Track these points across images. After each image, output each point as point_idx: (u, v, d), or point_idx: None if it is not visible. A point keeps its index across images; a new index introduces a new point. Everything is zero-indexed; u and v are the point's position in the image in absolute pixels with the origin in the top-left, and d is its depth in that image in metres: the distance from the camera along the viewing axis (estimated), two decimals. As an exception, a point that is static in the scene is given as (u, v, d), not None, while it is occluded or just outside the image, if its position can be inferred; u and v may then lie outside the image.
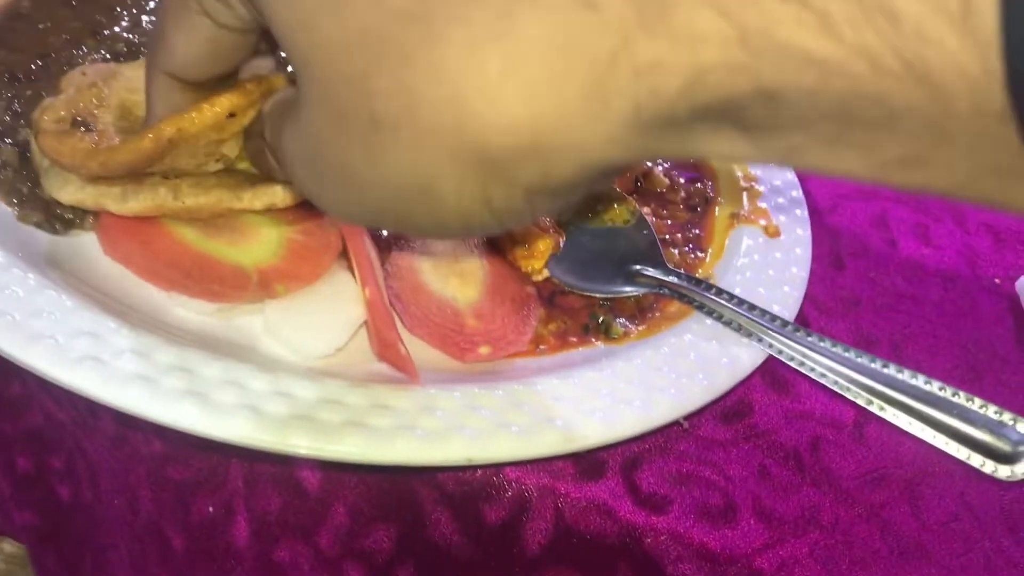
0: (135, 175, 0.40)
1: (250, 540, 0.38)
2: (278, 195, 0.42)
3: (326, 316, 0.41)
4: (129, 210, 0.40)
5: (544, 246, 0.48)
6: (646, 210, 0.52)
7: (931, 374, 0.45)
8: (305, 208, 0.44)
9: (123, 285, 0.40)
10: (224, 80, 0.37)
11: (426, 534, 0.39)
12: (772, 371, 0.48)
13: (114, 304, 0.39)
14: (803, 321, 0.51)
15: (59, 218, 0.41)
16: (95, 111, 0.40)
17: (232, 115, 0.38)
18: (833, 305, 0.54)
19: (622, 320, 0.48)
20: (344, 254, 0.44)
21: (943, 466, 0.45)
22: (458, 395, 0.39)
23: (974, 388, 0.44)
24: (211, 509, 0.39)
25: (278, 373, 0.37)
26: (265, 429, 0.35)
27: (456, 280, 0.46)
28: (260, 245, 0.43)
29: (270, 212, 0.43)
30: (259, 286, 0.41)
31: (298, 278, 0.42)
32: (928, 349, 0.52)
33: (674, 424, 0.43)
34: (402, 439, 0.36)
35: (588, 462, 0.41)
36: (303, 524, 0.39)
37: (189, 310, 0.40)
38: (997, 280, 0.59)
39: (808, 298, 0.52)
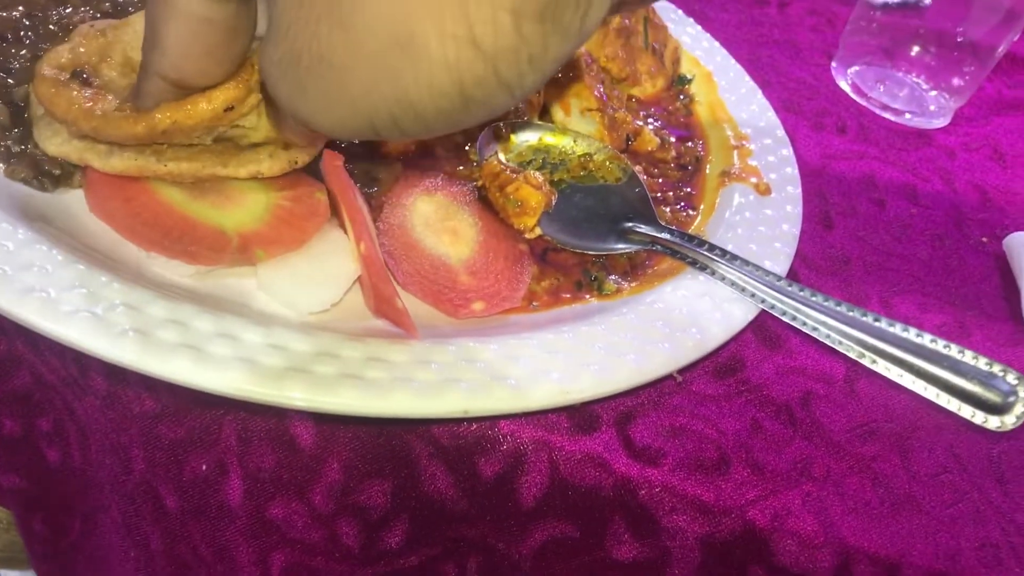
0: None
1: (244, 498, 0.38)
2: (264, 164, 0.42)
3: (320, 271, 0.41)
4: (112, 168, 0.39)
5: (536, 203, 0.47)
6: (637, 169, 0.52)
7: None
8: (295, 175, 0.44)
9: (113, 242, 0.40)
10: None
11: (421, 489, 0.39)
12: (764, 327, 0.48)
13: (105, 259, 0.38)
14: (794, 279, 0.51)
15: (47, 174, 0.41)
16: (97, 65, 0.40)
17: (230, 108, 0.38)
18: (823, 263, 0.54)
19: (615, 277, 0.48)
20: (335, 213, 0.44)
21: (933, 420, 0.45)
22: (453, 348, 0.39)
23: (963, 344, 0.45)
24: (204, 467, 0.39)
25: (272, 326, 0.37)
26: (260, 381, 0.34)
27: (449, 237, 0.45)
28: (244, 210, 0.42)
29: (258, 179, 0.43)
30: (238, 250, 0.40)
31: (280, 243, 0.41)
32: (917, 306, 0.53)
33: (667, 378, 0.43)
34: (398, 391, 0.36)
35: (582, 416, 0.41)
36: (297, 481, 0.38)
37: (167, 271, 0.40)
38: (984, 239, 0.59)
39: (798, 256, 0.52)
